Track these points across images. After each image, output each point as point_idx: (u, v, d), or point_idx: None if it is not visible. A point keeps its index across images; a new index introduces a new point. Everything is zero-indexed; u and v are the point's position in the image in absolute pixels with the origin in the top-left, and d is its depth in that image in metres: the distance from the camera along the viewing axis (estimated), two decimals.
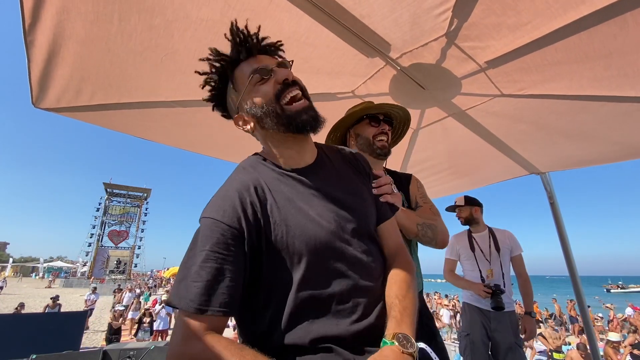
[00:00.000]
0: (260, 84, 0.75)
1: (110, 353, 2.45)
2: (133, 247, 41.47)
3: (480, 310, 2.48)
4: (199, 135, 1.97)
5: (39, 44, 1.04)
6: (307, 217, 0.71)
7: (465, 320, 2.57)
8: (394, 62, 1.35)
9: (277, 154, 0.79)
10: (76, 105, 1.39)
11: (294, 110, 0.73)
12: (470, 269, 2.63)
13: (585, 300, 2.51)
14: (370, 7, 1.06)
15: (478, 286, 2.47)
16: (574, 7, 1.01)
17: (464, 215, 2.73)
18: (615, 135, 1.88)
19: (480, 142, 2.09)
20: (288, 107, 0.73)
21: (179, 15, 1.05)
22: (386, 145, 1.35)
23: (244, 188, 0.71)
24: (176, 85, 1.41)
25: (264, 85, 0.75)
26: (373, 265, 0.74)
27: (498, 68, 1.36)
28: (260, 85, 0.75)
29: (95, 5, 0.97)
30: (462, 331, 2.60)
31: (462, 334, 2.58)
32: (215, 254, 0.63)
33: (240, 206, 0.68)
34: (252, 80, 0.75)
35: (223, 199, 0.70)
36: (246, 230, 0.66)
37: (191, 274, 0.62)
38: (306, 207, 0.72)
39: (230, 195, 0.70)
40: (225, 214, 0.66)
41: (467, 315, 2.57)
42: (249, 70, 0.75)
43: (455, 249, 2.76)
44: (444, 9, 1.06)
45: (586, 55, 1.22)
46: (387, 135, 1.37)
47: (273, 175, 0.76)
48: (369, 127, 1.36)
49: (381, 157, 1.35)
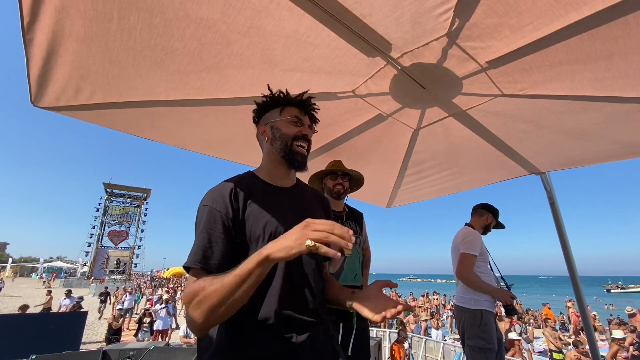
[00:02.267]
0: (292, 125, 1.08)
1: (110, 353, 2.45)
2: (133, 247, 41.42)
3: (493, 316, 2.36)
4: (199, 135, 1.97)
5: (37, 42, 1.03)
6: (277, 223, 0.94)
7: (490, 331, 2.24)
8: (394, 62, 1.35)
9: (269, 169, 1.10)
10: (75, 104, 1.39)
11: (295, 151, 1.06)
12: (484, 271, 2.47)
13: (585, 301, 2.50)
14: (371, 6, 1.06)
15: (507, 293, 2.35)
16: (575, 8, 1.01)
17: None
18: (616, 134, 1.88)
19: (480, 142, 2.09)
20: (294, 148, 1.06)
21: (179, 14, 1.04)
22: (341, 191, 2.10)
23: (233, 188, 0.96)
24: (176, 85, 1.40)
25: (293, 126, 1.08)
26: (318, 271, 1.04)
27: (499, 68, 1.36)
28: (292, 125, 1.08)
29: (94, 3, 0.96)
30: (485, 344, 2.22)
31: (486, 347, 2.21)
32: (209, 230, 0.88)
33: (228, 199, 0.93)
34: (290, 119, 1.07)
35: (215, 192, 0.95)
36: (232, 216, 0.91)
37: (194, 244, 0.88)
38: (279, 215, 0.96)
39: (221, 191, 0.95)
40: (216, 202, 0.92)
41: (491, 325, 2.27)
42: (294, 112, 1.09)
43: (480, 246, 2.46)
44: (445, 9, 1.05)
45: (587, 56, 1.22)
46: (342, 185, 2.11)
47: (260, 185, 1.04)
48: (330, 180, 2.14)
49: (337, 198, 2.12)
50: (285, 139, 1.05)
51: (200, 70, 1.32)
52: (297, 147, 1.05)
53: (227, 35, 1.14)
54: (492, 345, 2.22)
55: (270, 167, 1.09)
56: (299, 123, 1.08)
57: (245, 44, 1.19)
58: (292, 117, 1.07)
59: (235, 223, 0.91)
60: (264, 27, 1.13)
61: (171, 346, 2.99)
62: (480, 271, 2.46)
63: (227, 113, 1.68)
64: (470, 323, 2.36)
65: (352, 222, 2.17)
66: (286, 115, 1.08)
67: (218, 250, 0.87)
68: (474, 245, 2.44)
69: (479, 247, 2.45)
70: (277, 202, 1.01)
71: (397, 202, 3.41)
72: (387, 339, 7.07)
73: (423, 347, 6.77)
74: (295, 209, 1.04)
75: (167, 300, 9.13)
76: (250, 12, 1.06)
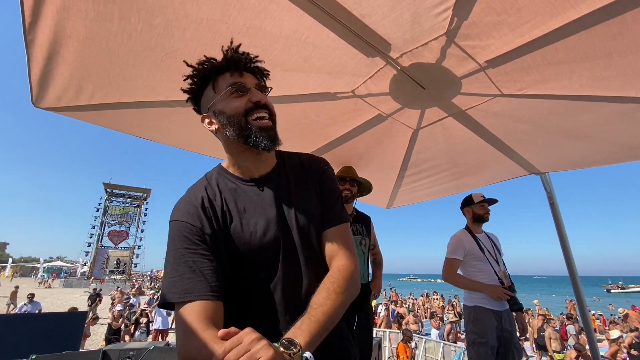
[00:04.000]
0: (234, 96, 0.83)
1: (110, 353, 2.45)
2: (133, 247, 41.42)
3: (493, 312, 2.37)
4: (199, 135, 1.97)
5: (39, 42, 1.04)
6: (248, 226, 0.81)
7: (482, 326, 2.32)
8: (394, 62, 1.35)
9: (234, 163, 0.90)
10: (76, 104, 1.39)
11: (256, 126, 0.81)
12: (479, 269, 2.49)
13: (585, 301, 2.50)
14: (371, 7, 1.06)
15: (498, 288, 2.36)
16: (573, 6, 1.01)
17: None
18: (615, 136, 1.88)
19: (480, 142, 2.09)
20: (253, 122, 0.81)
21: (179, 14, 1.05)
22: (348, 196, 2.24)
23: (204, 197, 0.82)
24: (176, 85, 1.40)
25: (237, 99, 0.83)
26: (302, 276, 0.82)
27: (498, 67, 1.36)
28: (234, 98, 0.83)
29: (95, 4, 0.97)
30: (477, 338, 2.31)
31: (477, 341, 2.30)
32: (186, 249, 0.74)
33: (202, 210, 0.79)
34: (229, 90, 0.82)
35: (186, 205, 0.81)
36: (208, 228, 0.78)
37: (167, 271, 0.73)
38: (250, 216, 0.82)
39: (191, 202, 0.81)
40: (189, 216, 0.78)
41: (484, 320, 2.34)
42: (230, 81, 0.83)
43: (464, 248, 2.55)
44: (444, 8, 1.06)
45: (586, 54, 1.22)
46: (350, 190, 2.25)
47: (229, 185, 0.87)
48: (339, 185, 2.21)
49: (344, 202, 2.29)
50: (235, 120, 0.81)
51: None
52: (254, 121, 0.81)
53: (227, 36, 1.14)
54: (484, 339, 2.28)
55: (237, 159, 0.88)
56: (241, 90, 0.83)
57: (245, 44, 1.18)
58: (229, 87, 0.82)
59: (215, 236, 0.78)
60: (263, 27, 1.13)
61: (171, 346, 3.00)
62: (476, 270, 2.50)
63: None
64: (466, 319, 2.49)
65: (359, 224, 2.29)
66: (221, 88, 0.83)
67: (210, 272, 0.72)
68: (454, 250, 2.57)
69: (461, 250, 2.55)
70: (256, 202, 0.84)
71: (397, 202, 3.41)
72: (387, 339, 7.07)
73: (423, 347, 6.77)
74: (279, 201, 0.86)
75: None
76: (250, 12, 1.06)
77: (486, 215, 2.64)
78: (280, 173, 0.92)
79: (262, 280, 0.79)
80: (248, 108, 0.81)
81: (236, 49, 0.86)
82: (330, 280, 0.77)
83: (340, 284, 0.76)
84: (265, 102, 0.84)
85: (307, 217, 0.86)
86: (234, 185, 0.87)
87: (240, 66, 0.84)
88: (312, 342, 0.64)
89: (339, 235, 0.88)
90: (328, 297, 0.72)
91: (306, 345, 0.62)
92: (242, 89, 0.83)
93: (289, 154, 1.00)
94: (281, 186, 0.89)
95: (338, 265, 0.82)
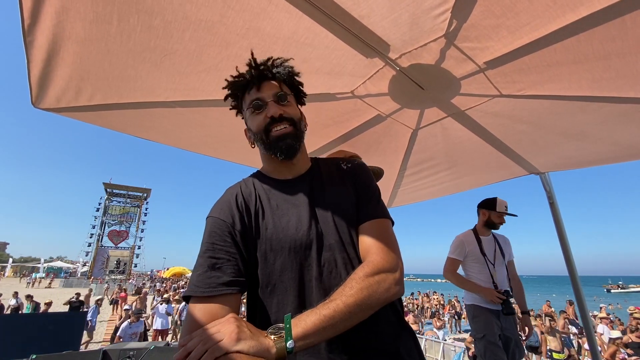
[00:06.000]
0: (256, 113, 0.87)
1: (110, 353, 2.46)
2: (133, 247, 41.48)
3: (491, 311, 2.45)
4: (198, 135, 1.97)
5: (38, 44, 1.04)
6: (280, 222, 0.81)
7: (480, 322, 2.46)
8: (393, 63, 1.35)
9: (269, 168, 0.95)
10: (76, 105, 1.39)
11: (275, 140, 0.84)
12: (478, 271, 2.57)
13: (585, 301, 2.51)
14: (369, 8, 1.06)
15: (491, 292, 2.44)
16: (572, 8, 1.01)
17: None
18: (614, 136, 1.89)
19: (479, 142, 2.09)
20: (272, 137, 0.85)
21: (178, 15, 1.05)
22: None
23: (238, 194, 0.85)
24: (175, 86, 1.41)
25: (258, 115, 0.87)
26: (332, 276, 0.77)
27: (497, 69, 1.36)
28: (255, 115, 0.87)
29: (94, 6, 0.97)
30: (476, 334, 2.46)
31: (476, 337, 2.45)
32: (213, 245, 0.75)
33: (235, 206, 0.82)
34: (250, 110, 0.88)
35: (221, 202, 0.85)
36: (239, 224, 0.79)
37: (196, 265, 0.75)
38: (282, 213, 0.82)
39: (226, 199, 0.85)
40: (221, 212, 0.81)
41: (480, 317, 2.47)
42: (250, 98, 0.88)
43: (465, 249, 2.64)
44: (443, 10, 1.06)
45: (585, 56, 1.22)
46: None
47: (264, 185, 0.90)
48: None
49: None
50: (259, 137, 0.87)
51: (200, 71, 1.32)
52: (275, 134, 0.84)
53: (226, 37, 1.15)
54: (480, 335, 2.41)
55: (271, 165, 0.94)
56: (257, 108, 0.86)
57: (244, 45, 1.19)
58: (250, 105, 0.87)
59: (245, 232, 0.79)
60: (262, 28, 1.13)
61: (171, 346, 3.00)
62: (474, 271, 2.60)
63: (227, 113, 1.68)
64: (468, 317, 2.64)
65: None
66: (247, 104, 0.89)
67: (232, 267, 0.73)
68: (454, 250, 2.68)
69: (461, 251, 2.65)
70: (289, 200, 0.85)
71: (397, 202, 3.41)
72: None
73: (423, 346, 6.77)
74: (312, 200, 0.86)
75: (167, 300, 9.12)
76: (248, 14, 1.06)
77: (499, 224, 2.72)
78: (314, 174, 0.94)
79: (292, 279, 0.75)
80: (267, 124, 0.85)
81: (255, 62, 0.89)
82: (351, 276, 0.71)
83: (358, 281, 0.69)
84: (282, 114, 0.85)
85: (342, 215, 0.84)
86: (268, 186, 0.89)
87: (257, 81, 0.87)
88: (308, 334, 0.60)
89: (373, 230, 0.82)
90: (342, 293, 0.67)
91: (298, 336, 0.59)
92: (257, 106, 0.86)
93: (324, 159, 1.03)
94: (315, 185, 0.90)
95: (366, 262, 0.75)
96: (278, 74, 0.89)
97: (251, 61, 0.89)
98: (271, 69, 0.88)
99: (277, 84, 0.89)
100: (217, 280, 0.70)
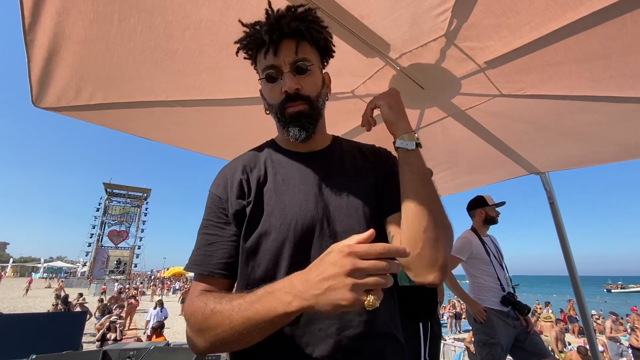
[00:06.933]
0: (269, 83, 0.74)
1: (110, 353, 2.46)
2: (133, 247, 41.51)
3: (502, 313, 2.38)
4: (199, 135, 1.97)
5: (39, 43, 1.04)
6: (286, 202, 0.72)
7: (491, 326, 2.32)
8: (393, 62, 1.35)
9: (283, 137, 0.83)
10: (76, 104, 1.39)
11: (287, 115, 0.73)
12: (486, 272, 2.48)
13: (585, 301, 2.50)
14: (370, 7, 1.06)
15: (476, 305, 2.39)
16: (572, 8, 1.01)
17: None
18: (614, 135, 1.89)
19: (480, 142, 2.09)
20: (286, 113, 0.73)
21: (179, 15, 1.05)
22: None
23: (238, 167, 0.78)
24: (176, 85, 1.41)
25: (272, 86, 0.74)
26: None
27: (497, 68, 1.36)
28: (270, 85, 0.74)
29: (95, 5, 0.97)
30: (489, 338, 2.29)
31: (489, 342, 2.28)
32: (209, 221, 0.74)
33: (232, 181, 0.75)
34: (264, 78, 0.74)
35: (220, 175, 0.79)
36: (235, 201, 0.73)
37: (196, 242, 0.74)
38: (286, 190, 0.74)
39: (225, 173, 0.78)
40: (217, 187, 0.76)
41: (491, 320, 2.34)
42: (264, 63, 0.73)
43: (471, 249, 2.51)
44: (443, 9, 1.06)
45: (585, 56, 1.22)
46: None
47: (274, 156, 0.81)
48: None
49: None
50: (273, 110, 0.76)
51: (200, 70, 1.32)
52: (290, 114, 0.73)
53: (226, 37, 1.15)
54: (495, 339, 2.27)
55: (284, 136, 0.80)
56: (273, 77, 0.73)
57: None
58: (263, 75, 0.74)
59: (239, 209, 0.72)
60: None
61: (171, 346, 3.00)
62: (482, 273, 2.50)
63: (227, 113, 1.68)
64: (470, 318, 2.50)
65: None
66: (262, 69, 0.74)
67: (221, 248, 0.71)
68: (460, 249, 2.54)
69: (466, 251, 2.53)
70: (298, 176, 0.76)
71: None
72: None
73: None
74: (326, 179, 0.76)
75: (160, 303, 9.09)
76: (249, 13, 1.06)
77: (497, 217, 2.64)
78: (333, 151, 0.83)
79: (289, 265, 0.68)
80: (282, 100, 0.72)
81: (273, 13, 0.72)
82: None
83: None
84: (298, 90, 0.71)
85: (358, 202, 0.75)
86: (278, 157, 0.80)
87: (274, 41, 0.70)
88: None
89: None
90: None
91: None
92: (270, 79, 0.73)
93: (346, 139, 0.91)
94: (331, 164, 0.80)
95: None
96: (300, 31, 0.71)
97: (268, 10, 0.73)
98: (292, 25, 0.70)
99: (297, 46, 0.71)
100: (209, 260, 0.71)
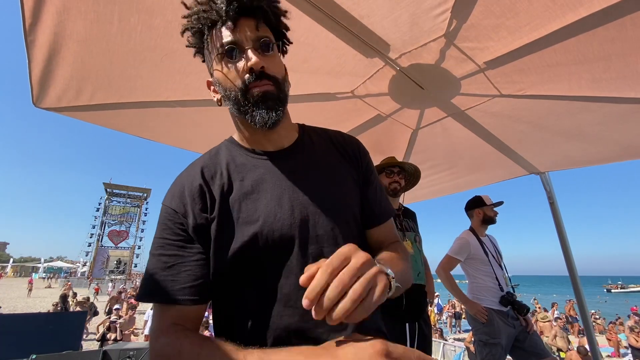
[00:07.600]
0: (228, 62, 0.63)
1: (110, 353, 2.46)
2: (133, 247, 41.52)
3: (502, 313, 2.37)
4: (199, 135, 1.97)
5: (39, 43, 1.04)
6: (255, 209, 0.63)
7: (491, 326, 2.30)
8: (393, 63, 1.35)
9: (246, 136, 0.72)
10: (76, 104, 1.40)
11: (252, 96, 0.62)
12: (484, 274, 2.47)
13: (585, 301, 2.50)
14: (370, 8, 1.06)
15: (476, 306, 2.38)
16: (572, 9, 1.01)
17: None
18: (614, 135, 1.89)
19: (479, 142, 2.09)
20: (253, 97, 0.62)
21: (178, 15, 1.04)
22: (397, 188, 1.99)
23: (196, 175, 0.66)
24: (176, 85, 1.41)
25: (232, 65, 0.63)
26: None
27: (497, 69, 1.37)
28: (229, 64, 0.63)
29: (95, 5, 0.97)
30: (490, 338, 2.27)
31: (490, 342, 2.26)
32: (164, 240, 0.62)
33: (191, 191, 0.64)
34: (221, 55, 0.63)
35: (175, 185, 0.68)
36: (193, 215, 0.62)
37: (149, 265, 0.62)
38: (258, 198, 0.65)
39: (182, 180, 0.67)
40: (173, 199, 0.65)
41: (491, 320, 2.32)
42: (219, 41, 0.63)
43: (470, 250, 2.50)
44: (443, 10, 1.06)
45: (585, 57, 1.22)
46: (399, 182, 2.00)
47: (237, 160, 0.70)
48: (386, 178, 2.01)
49: (393, 196, 2.00)
50: (233, 95, 0.63)
51: (200, 70, 1.32)
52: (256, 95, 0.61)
53: None
54: (496, 340, 2.26)
55: (246, 133, 0.71)
56: (236, 54, 0.62)
57: None
58: (221, 50, 0.62)
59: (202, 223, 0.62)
60: None
61: None
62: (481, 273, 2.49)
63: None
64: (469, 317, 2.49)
65: (408, 220, 2.09)
66: (216, 47, 0.63)
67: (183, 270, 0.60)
68: (458, 250, 2.54)
69: (464, 252, 2.52)
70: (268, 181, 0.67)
71: None
72: None
73: None
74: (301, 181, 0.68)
75: None
76: None
77: (495, 217, 2.63)
78: (303, 146, 0.74)
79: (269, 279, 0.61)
80: (245, 79, 0.61)
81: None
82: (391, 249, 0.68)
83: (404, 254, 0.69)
84: (264, 68, 0.61)
85: (338, 201, 0.69)
86: (243, 160, 0.69)
87: (232, 16, 0.61)
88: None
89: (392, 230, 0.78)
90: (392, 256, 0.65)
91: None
92: (236, 51, 0.62)
93: (313, 127, 0.82)
94: (303, 161, 0.71)
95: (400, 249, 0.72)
96: (261, 9, 0.64)
97: None
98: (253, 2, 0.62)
99: (258, 24, 0.63)
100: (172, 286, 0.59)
